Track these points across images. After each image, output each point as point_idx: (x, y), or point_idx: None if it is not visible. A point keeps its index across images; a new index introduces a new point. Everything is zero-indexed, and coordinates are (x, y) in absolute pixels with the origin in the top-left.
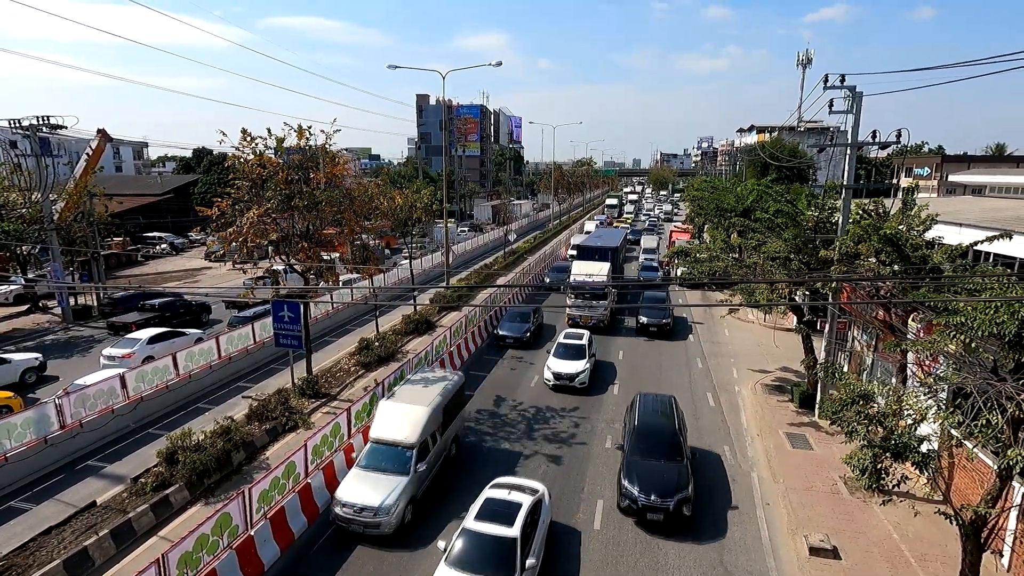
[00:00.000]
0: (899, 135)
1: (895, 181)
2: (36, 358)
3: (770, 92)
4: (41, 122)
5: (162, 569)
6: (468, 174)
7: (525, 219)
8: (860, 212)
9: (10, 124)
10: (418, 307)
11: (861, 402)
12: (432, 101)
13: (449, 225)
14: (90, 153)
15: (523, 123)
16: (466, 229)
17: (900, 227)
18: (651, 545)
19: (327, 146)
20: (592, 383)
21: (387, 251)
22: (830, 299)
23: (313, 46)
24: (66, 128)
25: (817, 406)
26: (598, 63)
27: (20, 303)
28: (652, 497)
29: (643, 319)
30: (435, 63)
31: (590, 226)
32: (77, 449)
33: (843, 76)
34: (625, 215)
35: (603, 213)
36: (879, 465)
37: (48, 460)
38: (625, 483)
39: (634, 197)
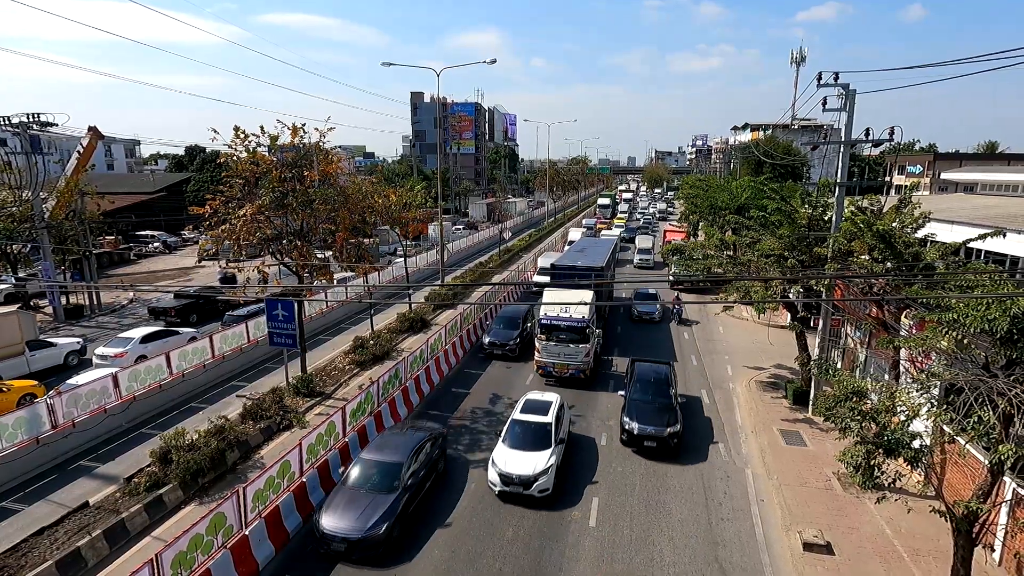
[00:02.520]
0: (892, 133)
1: (888, 179)
2: (78, 342)
3: (764, 90)
4: (31, 120)
5: (156, 569)
6: (463, 172)
7: (520, 217)
8: (854, 209)
9: (0, 122)
10: (413, 305)
11: (855, 399)
12: (427, 99)
13: (444, 223)
14: (81, 151)
15: (518, 121)
16: (461, 227)
17: (894, 224)
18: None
19: (321, 144)
20: (559, 484)
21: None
22: (824, 296)
23: (307, 43)
24: (57, 126)
25: (811, 403)
26: (592, 62)
27: (11, 302)
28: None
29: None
30: (430, 61)
31: (575, 234)
32: (69, 449)
33: (837, 74)
34: (619, 214)
35: (595, 215)
36: (872, 461)
37: (40, 460)
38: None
39: (628, 196)
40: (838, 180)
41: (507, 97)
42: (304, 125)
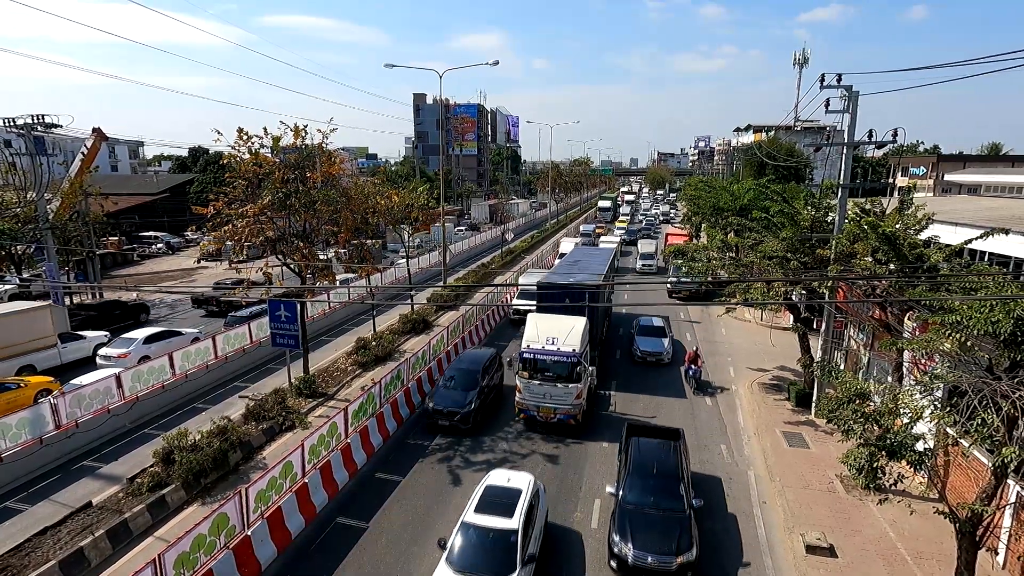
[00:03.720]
0: (895, 134)
1: (891, 180)
2: (105, 335)
3: (766, 92)
4: (36, 121)
5: (158, 569)
6: (465, 173)
7: (522, 218)
8: (858, 211)
9: (5, 123)
10: (416, 306)
11: (858, 401)
12: (429, 100)
13: (446, 224)
14: (85, 152)
15: (520, 122)
16: (463, 229)
17: (897, 226)
18: None
19: (324, 145)
20: None
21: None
22: (826, 298)
23: (309, 45)
24: (61, 127)
25: (814, 405)
26: (595, 63)
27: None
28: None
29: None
30: (432, 62)
31: (567, 245)
32: (73, 449)
33: (839, 75)
34: (620, 217)
35: (595, 220)
36: (875, 464)
37: (44, 460)
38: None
39: (631, 197)
40: (841, 182)
41: (510, 98)
42: (307, 126)
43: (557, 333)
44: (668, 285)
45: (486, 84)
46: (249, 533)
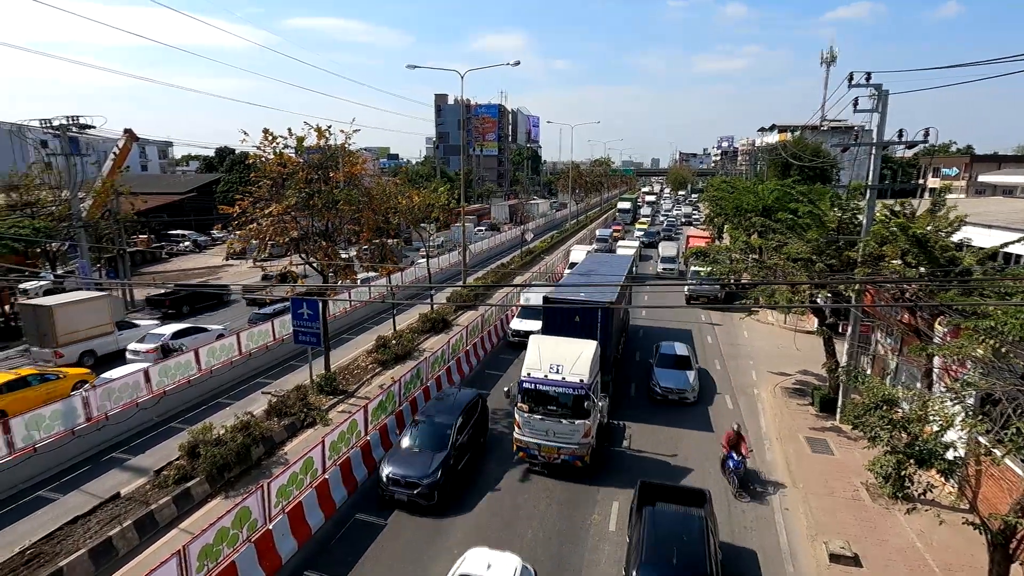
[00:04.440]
0: (927, 134)
1: (922, 181)
2: (156, 324)
3: (792, 91)
4: (71, 122)
5: (183, 561)
6: (486, 173)
7: (542, 218)
8: (887, 213)
9: (41, 124)
10: (435, 306)
11: (885, 407)
12: (451, 101)
13: (466, 225)
14: (117, 152)
15: (541, 122)
16: (483, 229)
17: (928, 228)
18: None
19: (346, 145)
20: None
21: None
22: (853, 301)
23: (333, 46)
24: (94, 128)
25: (838, 410)
26: (616, 63)
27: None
28: None
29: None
30: (453, 63)
31: (578, 254)
32: (102, 441)
33: (869, 74)
34: (641, 218)
35: (613, 221)
36: (903, 472)
37: (75, 451)
38: None
39: (651, 198)
40: (869, 183)
41: (530, 99)
42: (330, 127)
43: (563, 360)
44: (686, 291)
45: (507, 85)
46: (271, 527)
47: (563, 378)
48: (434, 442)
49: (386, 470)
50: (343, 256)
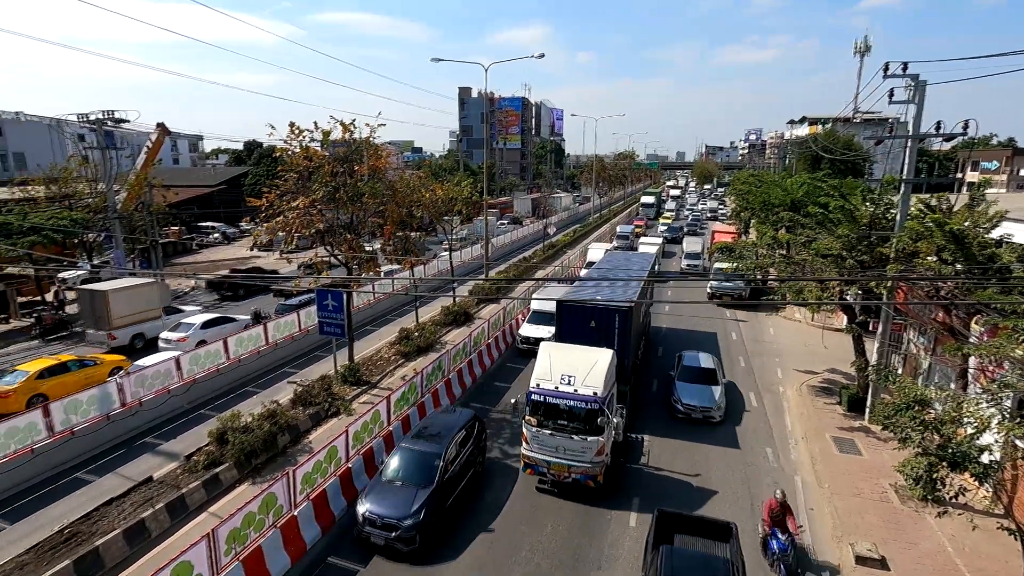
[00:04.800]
0: (966, 126)
1: (960, 175)
2: (200, 309)
3: (822, 83)
4: (106, 116)
5: (212, 543)
6: (508, 167)
7: (565, 212)
8: (922, 208)
9: (78, 119)
10: (457, 299)
11: (917, 407)
12: (474, 94)
13: (489, 218)
14: (150, 146)
15: (564, 115)
16: (505, 222)
17: (966, 223)
18: None
19: (371, 139)
20: None
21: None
22: (885, 298)
23: (358, 41)
24: (129, 122)
25: (868, 410)
26: (641, 55)
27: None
28: None
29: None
30: (477, 56)
31: (596, 252)
32: (136, 426)
33: (905, 64)
34: (665, 213)
35: (636, 216)
36: (935, 474)
37: (110, 436)
38: None
39: (676, 192)
40: (904, 176)
41: (554, 92)
42: (355, 121)
43: (575, 370)
44: (708, 289)
45: (531, 78)
46: (296, 513)
47: (575, 390)
48: (419, 475)
49: (362, 507)
50: (367, 249)
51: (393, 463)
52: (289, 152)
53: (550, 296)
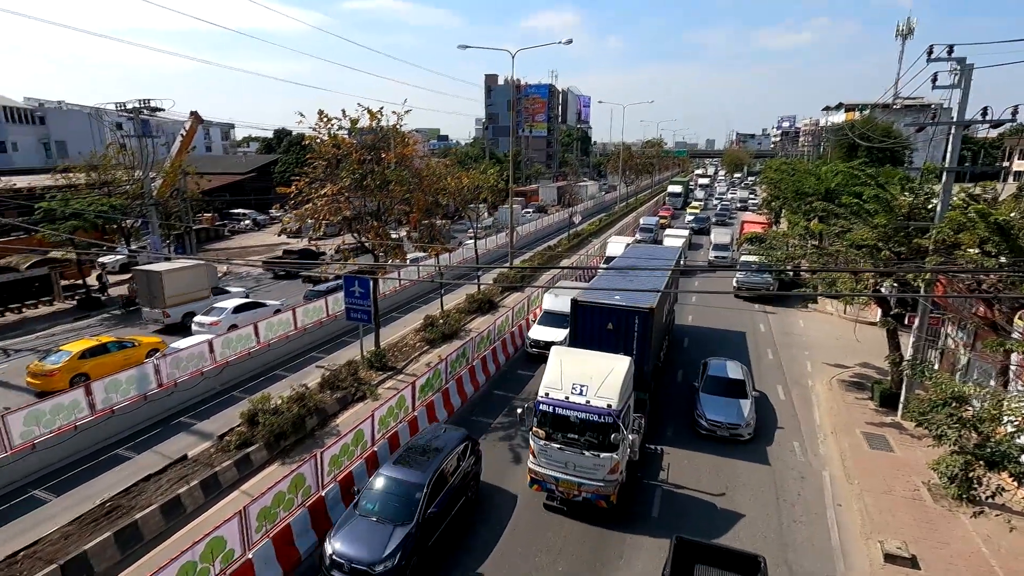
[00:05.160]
0: (1015, 112)
1: (1006, 164)
2: (245, 292)
3: (860, 69)
4: (143, 105)
5: (244, 520)
6: (535, 155)
7: (591, 201)
8: (965, 198)
9: (116, 107)
10: (482, 286)
11: (954, 404)
12: (500, 81)
13: (514, 206)
14: (184, 134)
15: (592, 103)
16: (530, 211)
17: (1012, 215)
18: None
19: (398, 127)
20: None
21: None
22: (922, 291)
23: (387, 29)
24: (164, 110)
25: (901, 406)
26: (671, 40)
27: (124, 271)
28: None
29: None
30: (504, 43)
31: (616, 246)
32: (172, 407)
33: (951, 47)
34: (694, 203)
35: (663, 206)
36: (971, 473)
37: (148, 415)
38: None
39: (705, 181)
40: (946, 165)
41: (582, 78)
42: (382, 108)
43: (588, 379)
44: (735, 283)
45: (558, 64)
46: (323, 494)
47: (587, 401)
48: (398, 509)
49: (330, 547)
50: (393, 236)
51: (369, 493)
52: (318, 140)
53: (564, 292)
